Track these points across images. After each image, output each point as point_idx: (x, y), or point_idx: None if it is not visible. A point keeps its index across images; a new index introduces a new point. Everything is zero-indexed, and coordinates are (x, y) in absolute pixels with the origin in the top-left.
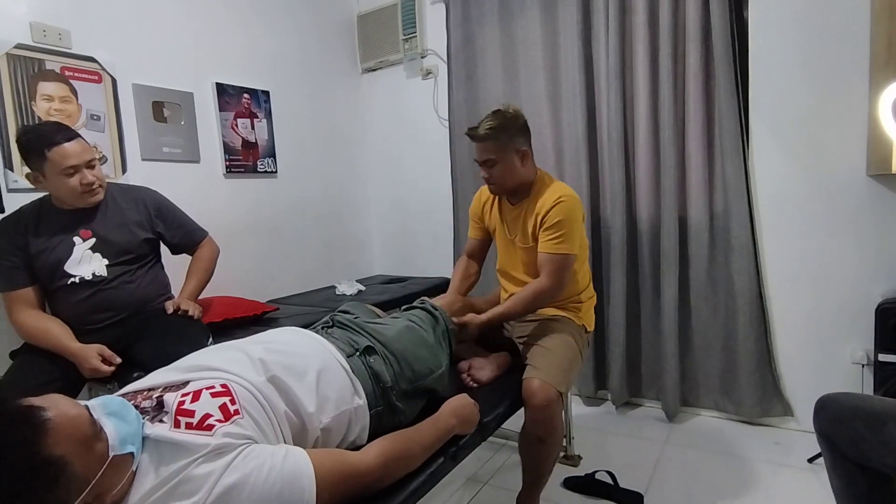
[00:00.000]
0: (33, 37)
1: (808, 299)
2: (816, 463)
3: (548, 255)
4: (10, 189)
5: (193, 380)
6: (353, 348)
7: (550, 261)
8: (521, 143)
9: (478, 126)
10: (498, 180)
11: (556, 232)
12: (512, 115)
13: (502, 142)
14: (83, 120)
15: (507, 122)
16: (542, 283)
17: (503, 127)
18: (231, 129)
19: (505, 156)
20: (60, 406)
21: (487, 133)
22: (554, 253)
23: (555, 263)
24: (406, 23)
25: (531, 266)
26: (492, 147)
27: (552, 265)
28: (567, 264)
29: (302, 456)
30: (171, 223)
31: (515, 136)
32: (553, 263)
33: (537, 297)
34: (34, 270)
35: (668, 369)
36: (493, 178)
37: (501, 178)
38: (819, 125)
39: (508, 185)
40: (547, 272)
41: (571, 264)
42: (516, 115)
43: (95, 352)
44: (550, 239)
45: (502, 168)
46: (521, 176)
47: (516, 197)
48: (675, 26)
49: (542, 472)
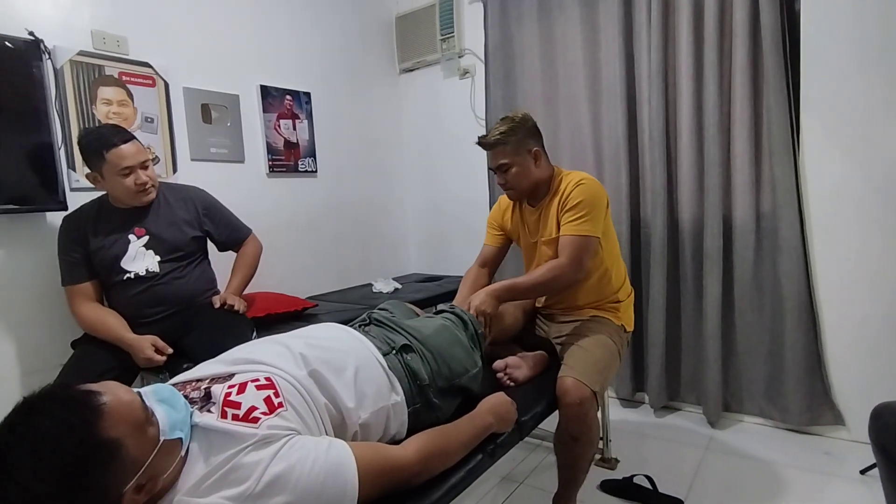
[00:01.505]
0: (94, 44)
1: (863, 304)
2: (870, 475)
3: (568, 237)
4: (72, 188)
5: (238, 372)
6: (390, 346)
7: (570, 242)
8: (533, 143)
9: (487, 134)
10: (514, 184)
11: (578, 213)
12: (520, 118)
13: (513, 145)
14: (138, 122)
15: (517, 126)
16: (560, 262)
17: (513, 130)
18: (274, 129)
19: (518, 158)
20: (115, 392)
21: (498, 139)
22: (574, 234)
23: (574, 245)
24: (444, 23)
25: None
26: (503, 151)
27: (571, 247)
28: (588, 246)
29: (344, 448)
30: (218, 222)
31: (526, 137)
32: (572, 245)
33: (554, 276)
34: (93, 266)
35: (709, 373)
36: (510, 183)
37: (517, 180)
38: (876, 121)
39: (525, 186)
40: (566, 254)
41: (593, 247)
42: (525, 118)
43: (149, 342)
44: (571, 220)
45: (517, 171)
46: (537, 176)
47: (535, 198)
48: (722, 20)
49: (576, 471)
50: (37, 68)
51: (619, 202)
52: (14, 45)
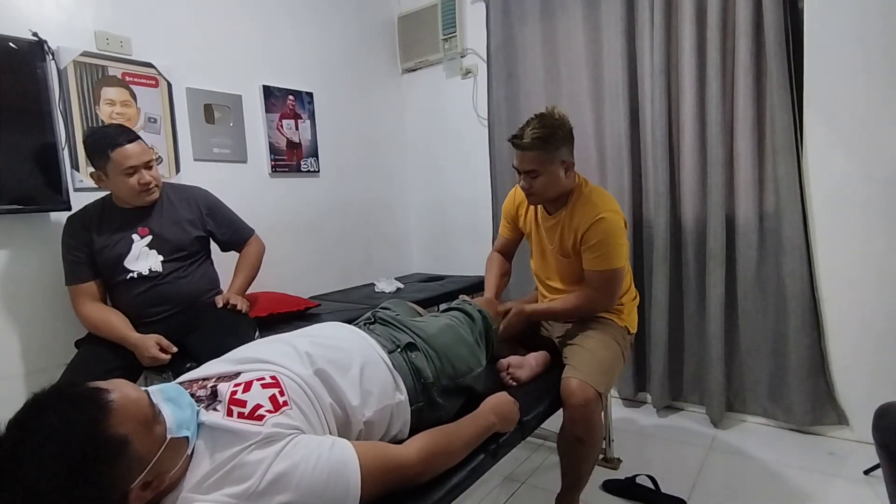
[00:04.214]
0: (97, 45)
1: (867, 303)
2: (873, 475)
3: (594, 272)
4: (76, 188)
5: (244, 371)
6: (395, 344)
7: (597, 277)
8: (567, 153)
9: (522, 133)
10: (539, 192)
11: (598, 252)
12: (559, 121)
13: (549, 152)
14: (141, 122)
15: (555, 131)
16: (592, 296)
17: (551, 136)
18: (276, 129)
19: (550, 167)
20: (123, 389)
21: (534, 143)
22: (600, 269)
23: (603, 279)
24: (446, 22)
25: (567, 277)
26: (537, 158)
27: (599, 281)
28: (616, 276)
29: (347, 447)
30: (220, 222)
31: (562, 145)
32: (600, 279)
33: (586, 307)
34: (97, 265)
35: (712, 373)
36: (534, 190)
37: (543, 190)
38: (880, 120)
39: (549, 196)
40: (595, 287)
41: (621, 276)
42: (563, 122)
43: (154, 341)
44: (594, 258)
45: (545, 180)
46: (563, 187)
47: (554, 206)
48: (724, 19)
49: (580, 473)
50: (40, 69)
51: (622, 202)
52: (18, 46)
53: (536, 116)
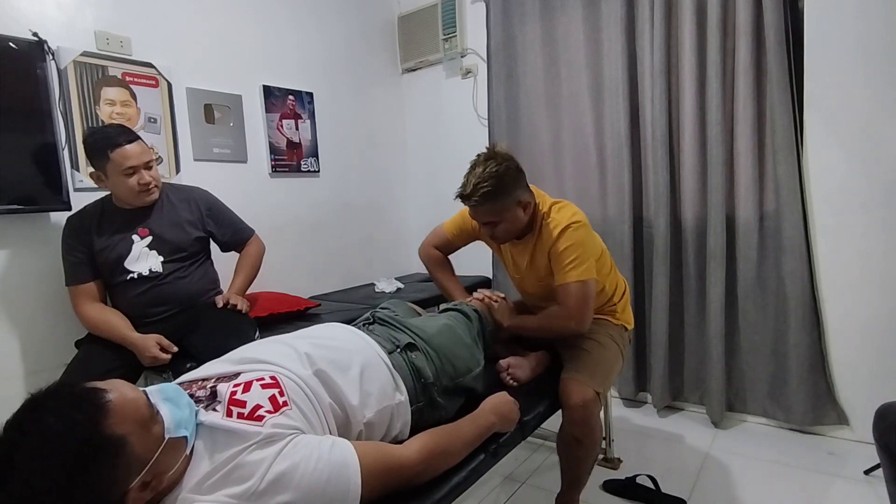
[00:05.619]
0: (97, 45)
1: (867, 303)
2: (874, 475)
3: (564, 286)
4: (76, 189)
5: (244, 371)
6: (395, 345)
7: (569, 293)
8: (522, 192)
9: (468, 190)
10: (503, 236)
11: (567, 259)
12: (504, 166)
13: (502, 202)
14: (141, 122)
15: (501, 179)
16: (565, 318)
17: (499, 186)
18: (277, 129)
19: (507, 214)
20: (121, 389)
21: (484, 199)
22: (570, 282)
23: (573, 294)
24: (446, 22)
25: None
26: (492, 211)
27: (571, 297)
28: (587, 292)
29: (348, 447)
30: (221, 222)
31: (514, 189)
32: (572, 296)
33: (561, 327)
34: (97, 266)
35: (713, 372)
36: (497, 235)
37: (506, 234)
38: (880, 120)
39: (515, 235)
40: (568, 304)
41: (592, 291)
42: (508, 163)
43: (154, 341)
44: (564, 269)
45: (506, 226)
46: (525, 222)
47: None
48: (725, 19)
49: (580, 473)
50: (41, 69)
51: (622, 201)
52: (18, 46)
53: (478, 166)
